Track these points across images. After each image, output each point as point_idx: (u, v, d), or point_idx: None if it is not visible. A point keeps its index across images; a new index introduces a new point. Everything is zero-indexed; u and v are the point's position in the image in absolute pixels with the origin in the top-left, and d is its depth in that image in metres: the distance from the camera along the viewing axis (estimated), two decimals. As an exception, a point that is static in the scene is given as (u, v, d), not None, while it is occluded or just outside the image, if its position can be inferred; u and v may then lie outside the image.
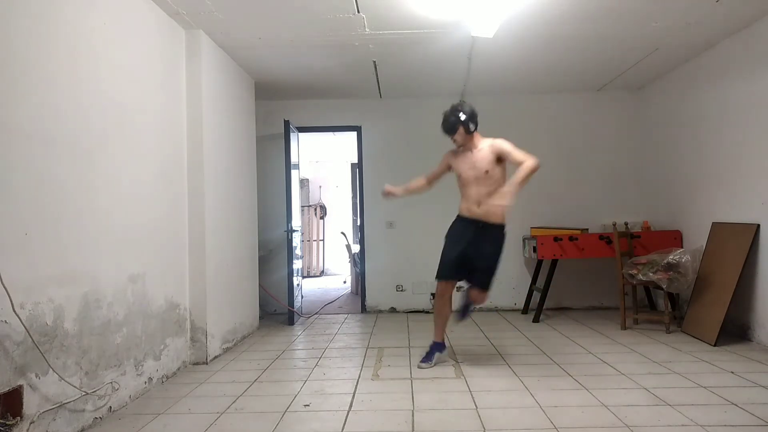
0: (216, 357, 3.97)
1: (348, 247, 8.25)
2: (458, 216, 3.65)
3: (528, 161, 3.33)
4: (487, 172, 3.48)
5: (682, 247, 4.79)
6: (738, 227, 4.18)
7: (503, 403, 2.86)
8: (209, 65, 4.03)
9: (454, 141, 3.58)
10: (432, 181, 3.78)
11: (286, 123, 5.47)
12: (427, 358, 3.63)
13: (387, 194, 3.74)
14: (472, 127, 3.50)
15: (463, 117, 3.48)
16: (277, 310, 5.87)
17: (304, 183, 10.15)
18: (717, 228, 4.46)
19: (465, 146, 3.58)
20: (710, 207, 4.61)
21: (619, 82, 5.58)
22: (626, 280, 4.62)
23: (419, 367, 3.57)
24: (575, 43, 4.37)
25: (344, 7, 3.57)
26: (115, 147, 2.94)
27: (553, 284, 5.28)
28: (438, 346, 3.68)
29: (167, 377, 3.45)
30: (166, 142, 3.58)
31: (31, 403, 2.23)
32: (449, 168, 3.68)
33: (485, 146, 3.53)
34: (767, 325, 3.90)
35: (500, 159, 3.50)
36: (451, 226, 3.68)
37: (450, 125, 3.52)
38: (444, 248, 3.64)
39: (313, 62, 4.71)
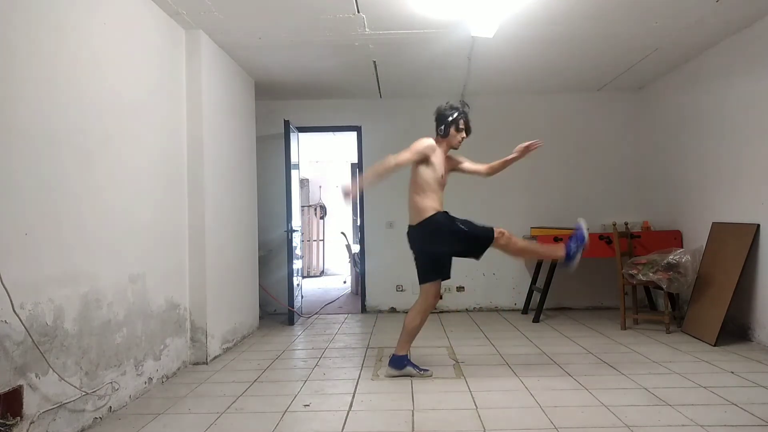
0: (216, 357, 3.97)
1: (348, 247, 8.25)
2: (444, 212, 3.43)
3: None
4: (443, 177, 3.43)
5: (682, 247, 4.79)
6: (738, 227, 4.18)
7: (503, 403, 2.86)
8: (209, 65, 4.03)
9: (460, 141, 3.46)
10: (399, 168, 3.31)
11: (286, 123, 5.47)
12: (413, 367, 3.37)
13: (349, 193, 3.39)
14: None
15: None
16: (277, 310, 5.87)
17: (304, 183, 10.15)
18: (717, 228, 4.46)
19: (448, 150, 3.52)
20: (710, 207, 4.60)
21: (619, 82, 5.58)
22: (626, 280, 4.62)
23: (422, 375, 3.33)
24: (575, 43, 4.37)
25: (344, 7, 3.57)
26: (115, 147, 2.94)
27: (553, 284, 5.28)
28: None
29: (167, 377, 3.45)
30: (166, 142, 3.58)
31: (31, 403, 2.23)
32: (425, 161, 3.31)
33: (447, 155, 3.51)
34: (767, 325, 3.90)
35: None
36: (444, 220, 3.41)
37: (469, 125, 3.47)
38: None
39: (313, 62, 4.71)
